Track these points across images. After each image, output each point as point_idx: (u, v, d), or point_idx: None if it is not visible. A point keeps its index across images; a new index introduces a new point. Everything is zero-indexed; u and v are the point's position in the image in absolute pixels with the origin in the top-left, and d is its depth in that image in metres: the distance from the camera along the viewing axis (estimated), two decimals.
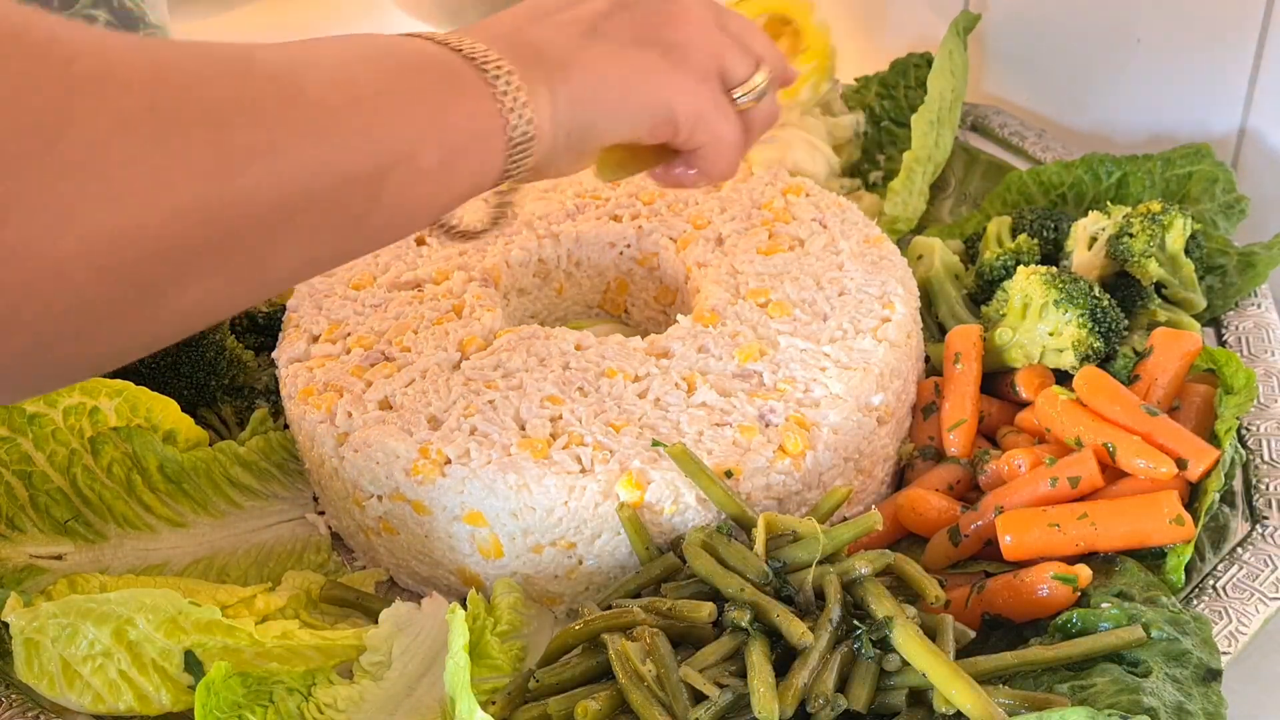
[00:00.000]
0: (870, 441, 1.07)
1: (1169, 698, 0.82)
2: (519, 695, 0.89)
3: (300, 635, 0.96)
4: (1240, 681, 0.94)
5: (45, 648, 0.91)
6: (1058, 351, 1.13)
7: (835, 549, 0.92)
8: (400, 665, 0.95)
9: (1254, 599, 0.94)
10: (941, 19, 1.52)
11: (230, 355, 1.20)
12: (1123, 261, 1.20)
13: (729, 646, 0.87)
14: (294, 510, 1.15)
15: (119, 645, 0.91)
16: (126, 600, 0.92)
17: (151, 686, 0.91)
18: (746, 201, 1.25)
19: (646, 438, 1.00)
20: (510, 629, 0.97)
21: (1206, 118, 1.39)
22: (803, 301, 1.13)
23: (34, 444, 1.06)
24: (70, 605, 0.92)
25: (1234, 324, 1.22)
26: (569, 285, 1.27)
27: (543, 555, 1.01)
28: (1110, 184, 1.36)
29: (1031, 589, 0.94)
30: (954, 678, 0.81)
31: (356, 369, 1.09)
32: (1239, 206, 1.31)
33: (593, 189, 1.29)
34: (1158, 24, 1.40)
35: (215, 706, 0.86)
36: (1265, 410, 1.10)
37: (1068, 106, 1.54)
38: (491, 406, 1.04)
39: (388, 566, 1.10)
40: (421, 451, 1.01)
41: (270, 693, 0.89)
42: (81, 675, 0.91)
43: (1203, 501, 0.98)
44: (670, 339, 1.10)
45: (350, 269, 1.21)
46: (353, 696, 0.92)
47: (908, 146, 1.50)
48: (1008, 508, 1.00)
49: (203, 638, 0.92)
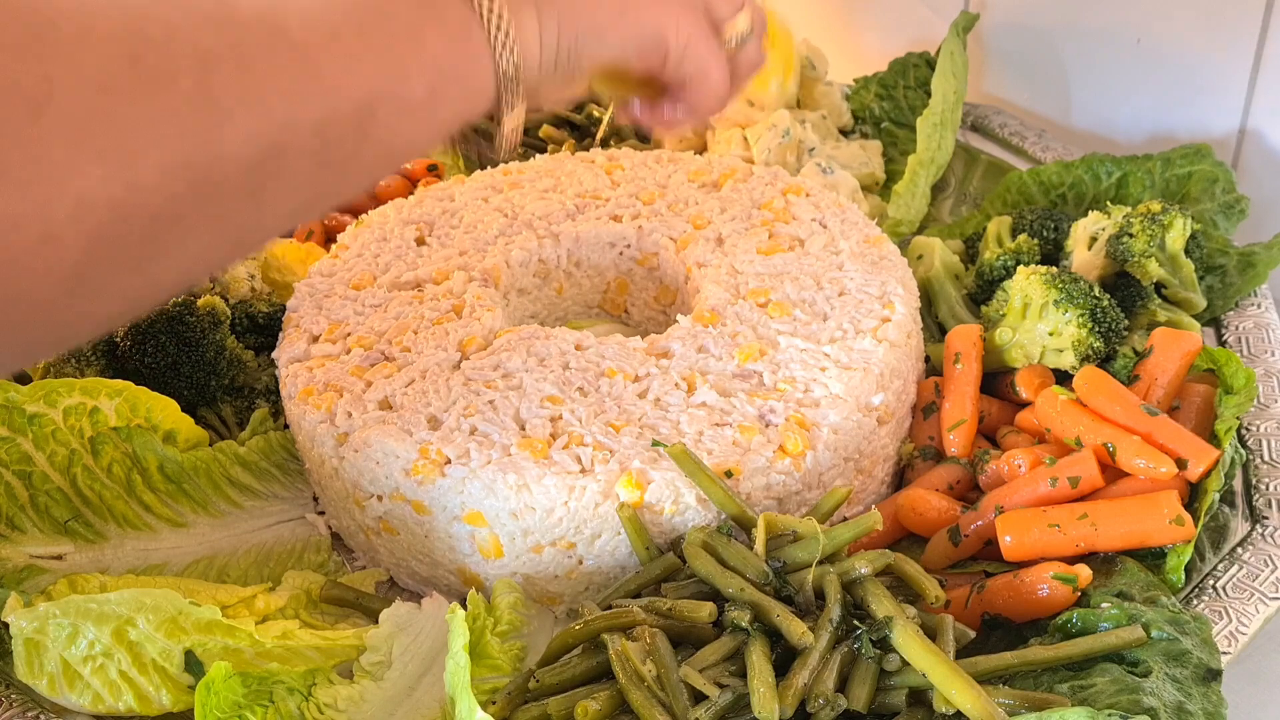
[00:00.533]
0: (870, 441, 1.07)
1: (1169, 698, 0.82)
2: (519, 695, 0.89)
3: (300, 635, 0.96)
4: (1240, 681, 0.94)
5: (45, 648, 0.91)
6: (1058, 351, 1.13)
7: (835, 549, 0.92)
8: (400, 665, 0.95)
9: (1254, 599, 0.94)
10: (941, 19, 1.52)
11: (230, 355, 1.21)
12: (1123, 261, 1.20)
13: (729, 646, 0.87)
14: (294, 510, 1.15)
15: (119, 645, 0.91)
16: (127, 600, 0.92)
17: (152, 687, 0.91)
18: (746, 201, 1.25)
19: (646, 438, 1.00)
20: (510, 629, 0.97)
21: (1206, 118, 1.39)
22: (803, 301, 1.13)
23: (34, 444, 1.06)
24: (70, 605, 0.92)
25: (1234, 324, 1.22)
26: (569, 285, 1.26)
27: (543, 555, 1.01)
28: (1110, 184, 1.36)
29: (1031, 589, 0.94)
30: (954, 678, 0.81)
31: (356, 369, 1.09)
32: (1239, 206, 1.31)
33: (593, 189, 1.29)
34: (1158, 24, 1.40)
35: (215, 706, 0.86)
36: (1265, 410, 1.10)
37: (1068, 106, 1.54)
38: (491, 406, 1.04)
39: (388, 566, 1.10)
40: (421, 451, 1.01)
41: (270, 693, 0.89)
42: (82, 675, 0.91)
43: (1203, 501, 0.98)
44: (670, 339, 1.10)
45: (350, 269, 1.21)
46: (353, 696, 0.92)
47: (908, 147, 1.50)
48: (1008, 508, 1.00)
49: (203, 638, 0.92)
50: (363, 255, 1.23)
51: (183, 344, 1.18)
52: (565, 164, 1.34)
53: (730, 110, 1.44)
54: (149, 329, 1.18)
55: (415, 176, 1.49)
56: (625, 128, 1.53)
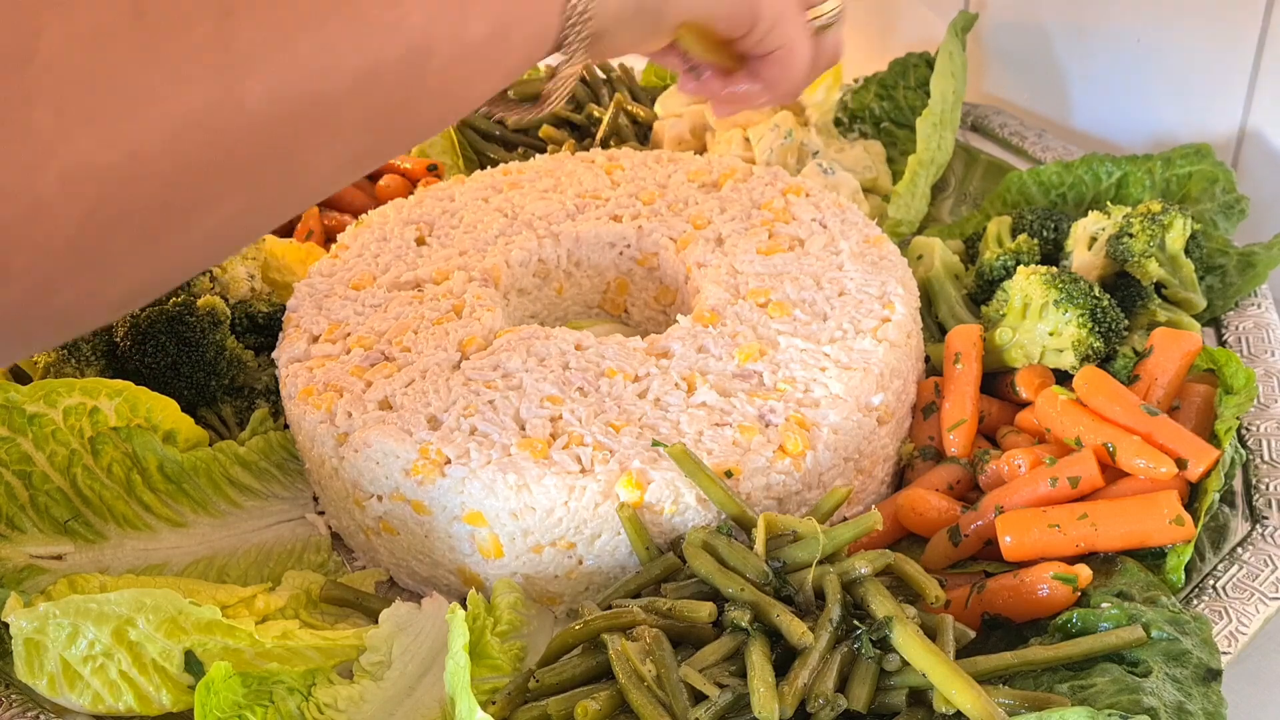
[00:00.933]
0: (870, 441, 1.07)
1: (1169, 698, 0.82)
2: (519, 695, 0.89)
3: (300, 635, 0.96)
4: (1240, 681, 0.94)
5: (46, 648, 0.91)
6: (1058, 351, 1.13)
7: (835, 549, 0.92)
8: (400, 665, 0.95)
9: (1254, 599, 0.94)
10: (941, 19, 1.52)
11: (230, 355, 1.21)
12: (1123, 261, 1.20)
13: (729, 646, 0.87)
14: (294, 510, 1.15)
15: (119, 645, 0.91)
16: (127, 600, 0.92)
17: (151, 687, 0.91)
18: (746, 201, 1.25)
19: (646, 438, 1.00)
20: (510, 629, 0.97)
21: (1206, 118, 1.39)
22: (803, 301, 1.13)
23: (34, 444, 1.06)
24: (70, 605, 0.92)
25: (1234, 324, 1.22)
26: (569, 285, 1.26)
27: (543, 555, 1.01)
28: (1110, 184, 1.36)
29: (1031, 589, 0.94)
30: (954, 678, 0.81)
31: (356, 369, 1.09)
32: (1239, 206, 1.31)
33: (593, 189, 1.29)
34: (1158, 24, 1.40)
35: (215, 706, 0.86)
36: (1265, 410, 1.10)
37: (1068, 106, 1.54)
38: (491, 406, 1.04)
39: (388, 566, 1.10)
40: (421, 451, 1.01)
41: (270, 693, 0.89)
42: (82, 675, 0.91)
43: (1203, 501, 0.98)
44: (670, 339, 1.10)
45: (350, 269, 1.21)
46: (353, 696, 0.92)
47: (908, 148, 1.50)
48: (1008, 508, 1.00)
49: (203, 638, 0.92)
50: (363, 255, 1.23)
51: (183, 344, 1.18)
52: (565, 164, 1.34)
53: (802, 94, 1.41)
54: (149, 329, 1.18)
55: (415, 176, 1.48)
56: (625, 128, 1.53)
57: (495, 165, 1.42)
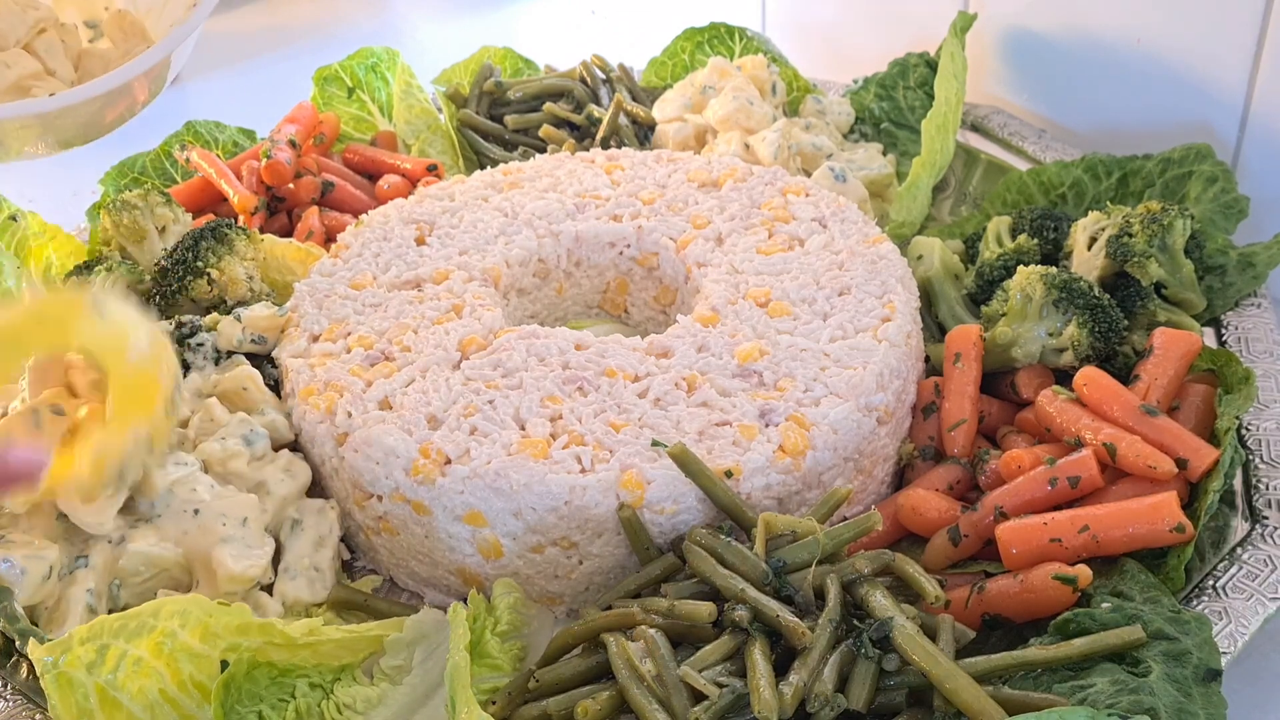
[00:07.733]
0: (870, 441, 1.07)
1: (1169, 698, 0.82)
2: (519, 695, 0.89)
3: (327, 631, 0.95)
4: (1240, 681, 0.94)
5: (78, 681, 0.87)
6: (1058, 351, 1.13)
7: (835, 549, 0.92)
8: (421, 672, 0.95)
9: (1254, 599, 0.94)
10: (940, 19, 1.52)
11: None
12: (1123, 261, 1.20)
13: (729, 646, 0.87)
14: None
15: (157, 659, 0.87)
16: (155, 610, 0.89)
17: (194, 704, 0.89)
18: (746, 201, 1.25)
19: (646, 437, 1.00)
20: (510, 629, 0.97)
21: (1206, 118, 1.39)
22: (803, 301, 1.13)
23: None
24: (100, 626, 0.88)
25: (1234, 324, 1.22)
26: (569, 285, 1.27)
27: (543, 555, 1.01)
28: (1110, 184, 1.36)
29: (1032, 589, 0.93)
30: (954, 678, 0.81)
31: (357, 368, 1.09)
32: (1239, 206, 1.31)
33: (593, 189, 1.29)
34: (1158, 24, 1.40)
35: (236, 702, 0.86)
36: (1265, 410, 1.10)
37: (1068, 106, 1.54)
38: (491, 406, 1.04)
39: (387, 566, 1.10)
40: (421, 451, 1.01)
41: (294, 687, 0.89)
42: (121, 704, 0.87)
43: (1203, 501, 0.98)
44: (670, 339, 1.10)
45: (351, 268, 1.21)
46: (371, 698, 0.92)
47: (908, 148, 1.50)
48: (1008, 508, 1.00)
49: (237, 639, 0.90)
50: (363, 255, 1.23)
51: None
52: (565, 164, 1.34)
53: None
54: None
55: (415, 176, 1.48)
56: (625, 128, 1.52)
57: (495, 165, 1.42)
